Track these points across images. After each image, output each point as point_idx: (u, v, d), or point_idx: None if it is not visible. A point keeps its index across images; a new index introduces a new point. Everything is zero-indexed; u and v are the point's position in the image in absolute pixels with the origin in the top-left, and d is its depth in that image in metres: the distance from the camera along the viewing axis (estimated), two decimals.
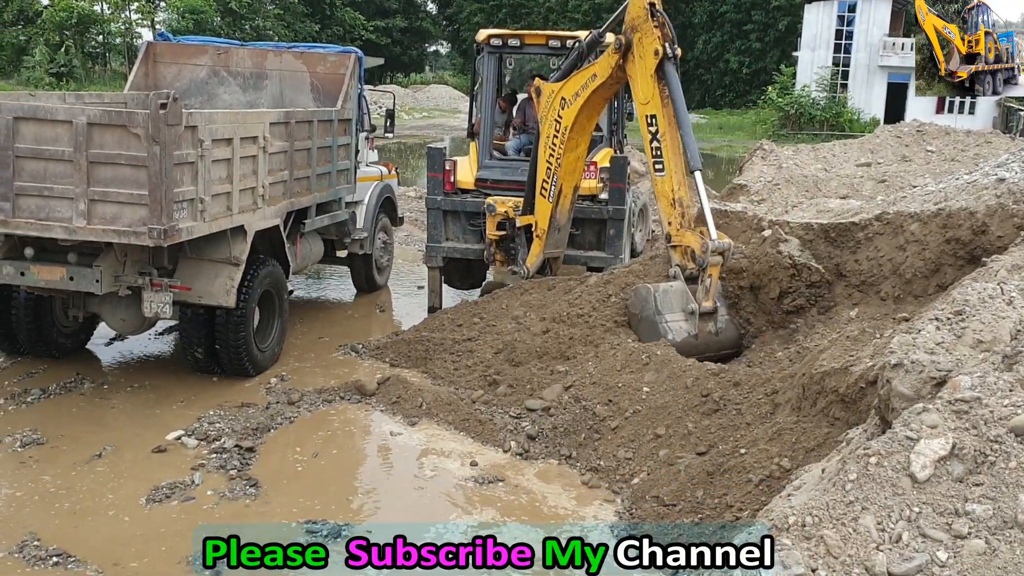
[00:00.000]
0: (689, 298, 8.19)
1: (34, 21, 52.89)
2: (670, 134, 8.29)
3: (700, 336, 8.24)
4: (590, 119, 9.59)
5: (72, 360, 9.05)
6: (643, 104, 8.56)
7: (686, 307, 8.18)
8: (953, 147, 13.54)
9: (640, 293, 8.27)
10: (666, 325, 8.14)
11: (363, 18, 66.47)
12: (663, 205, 8.43)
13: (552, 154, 9.61)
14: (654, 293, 8.19)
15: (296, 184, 9.38)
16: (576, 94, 9.26)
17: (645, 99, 8.51)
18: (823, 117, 44.16)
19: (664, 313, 8.16)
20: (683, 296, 8.19)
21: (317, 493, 6.55)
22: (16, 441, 7.16)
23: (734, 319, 8.57)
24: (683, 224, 8.21)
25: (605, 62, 8.96)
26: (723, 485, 5.89)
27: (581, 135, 9.60)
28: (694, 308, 8.14)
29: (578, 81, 9.27)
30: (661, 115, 8.33)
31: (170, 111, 6.97)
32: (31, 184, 7.23)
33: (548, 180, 9.76)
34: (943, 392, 3.81)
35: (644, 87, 8.52)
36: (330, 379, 8.78)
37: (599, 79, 9.03)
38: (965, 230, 7.16)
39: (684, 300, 8.19)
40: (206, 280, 8.09)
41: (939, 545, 3.22)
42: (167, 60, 11.22)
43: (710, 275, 8.05)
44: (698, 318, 8.18)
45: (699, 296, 8.16)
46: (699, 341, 8.22)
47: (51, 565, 5.48)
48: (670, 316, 8.16)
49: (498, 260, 10.60)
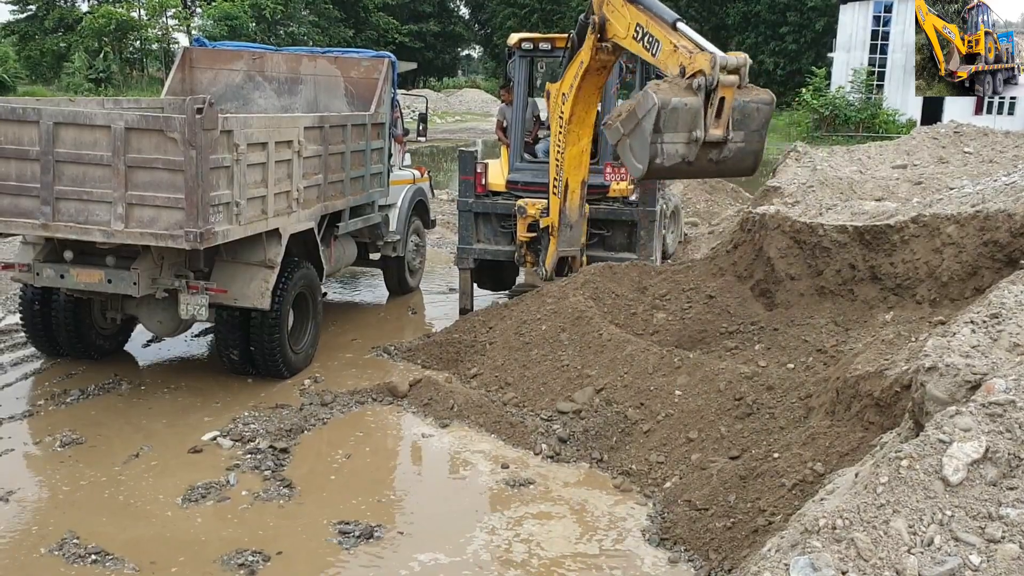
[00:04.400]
0: (700, 122, 6.82)
1: (74, 28, 53.85)
2: (652, 23, 7.58)
3: (698, 163, 7.01)
4: (587, 110, 9.43)
5: (110, 361, 9.20)
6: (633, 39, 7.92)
7: (692, 131, 6.82)
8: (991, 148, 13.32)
9: (649, 99, 6.74)
10: (659, 146, 6.80)
11: (397, 23, 66.91)
12: (666, 56, 7.39)
13: (558, 150, 9.61)
14: (659, 107, 6.71)
15: (330, 187, 9.47)
16: (571, 86, 9.22)
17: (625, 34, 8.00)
18: (858, 119, 43.74)
19: (665, 132, 6.79)
20: (695, 118, 6.80)
21: (350, 494, 6.60)
22: (56, 441, 7.29)
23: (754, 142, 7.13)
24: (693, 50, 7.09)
25: (587, 45, 8.84)
26: (756, 490, 5.86)
27: (581, 128, 9.50)
28: (699, 136, 6.80)
29: (571, 72, 9.19)
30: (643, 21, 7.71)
31: (206, 116, 7.06)
32: (71, 188, 7.36)
33: (557, 177, 9.77)
34: (977, 395, 3.76)
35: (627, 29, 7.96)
36: (363, 381, 8.84)
37: (585, 64, 8.94)
38: (1003, 232, 7.05)
39: (693, 122, 6.82)
40: (241, 283, 8.19)
41: (972, 549, 3.18)
42: (203, 65, 11.37)
43: (722, 97, 6.80)
44: (699, 146, 6.89)
45: (708, 121, 6.84)
46: (694, 167, 7.06)
47: (90, 563, 5.57)
48: (670, 137, 6.82)
49: (528, 262, 10.62)
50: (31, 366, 9.04)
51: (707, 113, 6.80)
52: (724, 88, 6.77)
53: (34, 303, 8.81)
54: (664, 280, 9.48)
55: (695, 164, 6.98)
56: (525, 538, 6.03)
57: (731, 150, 7.07)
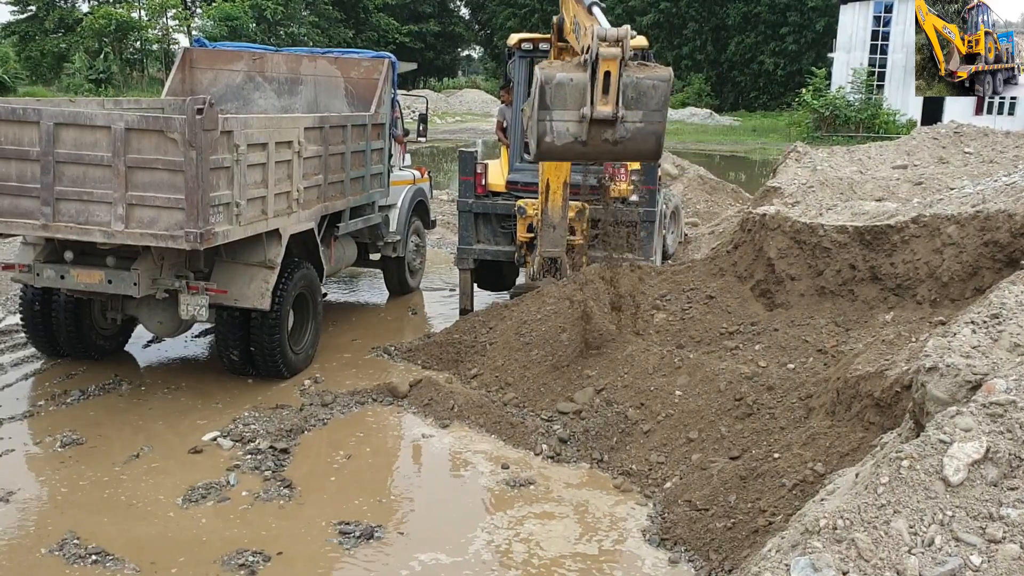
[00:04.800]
0: (587, 98, 6.53)
1: (74, 29, 53.90)
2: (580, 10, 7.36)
3: (592, 144, 6.68)
4: None
5: (110, 362, 9.20)
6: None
7: (580, 108, 6.54)
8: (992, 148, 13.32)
9: (545, 75, 6.56)
10: (548, 124, 6.59)
11: (397, 23, 66.92)
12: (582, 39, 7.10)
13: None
14: (543, 82, 6.52)
15: (330, 188, 9.47)
16: None
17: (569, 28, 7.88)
18: (858, 119, 43.76)
19: (553, 110, 6.55)
20: (583, 94, 6.52)
21: (350, 494, 6.60)
22: (56, 441, 7.29)
23: (655, 123, 6.73)
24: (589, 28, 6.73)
25: (552, 46, 8.91)
26: (756, 490, 5.86)
27: None
28: (586, 112, 6.52)
29: None
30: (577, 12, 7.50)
31: (206, 116, 7.06)
32: (71, 189, 7.35)
33: (541, 178, 9.80)
34: (978, 395, 3.76)
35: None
36: (363, 381, 8.84)
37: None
38: (1004, 233, 7.05)
39: (582, 99, 6.53)
40: (241, 283, 8.19)
41: (972, 549, 3.18)
42: (203, 66, 11.38)
43: (607, 71, 6.48)
44: (590, 125, 6.58)
45: (595, 97, 6.51)
46: (589, 148, 6.73)
47: (90, 563, 5.57)
48: (559, 115, 6.57)
49: (528, 262, 10.63)
50: (31, 366, 9.04)
51: (593, 89, 6.52)
52: (606, 61, 6.45)
53: (34, 303, 8.81)
54: (664, 280, 9.48)
55: (590, 145, 6.69)
56: (525, 538, 6.03)
57: (628, 130, 6.71)
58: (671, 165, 19.59)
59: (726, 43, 61.44)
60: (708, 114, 55.21)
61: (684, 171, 19.65)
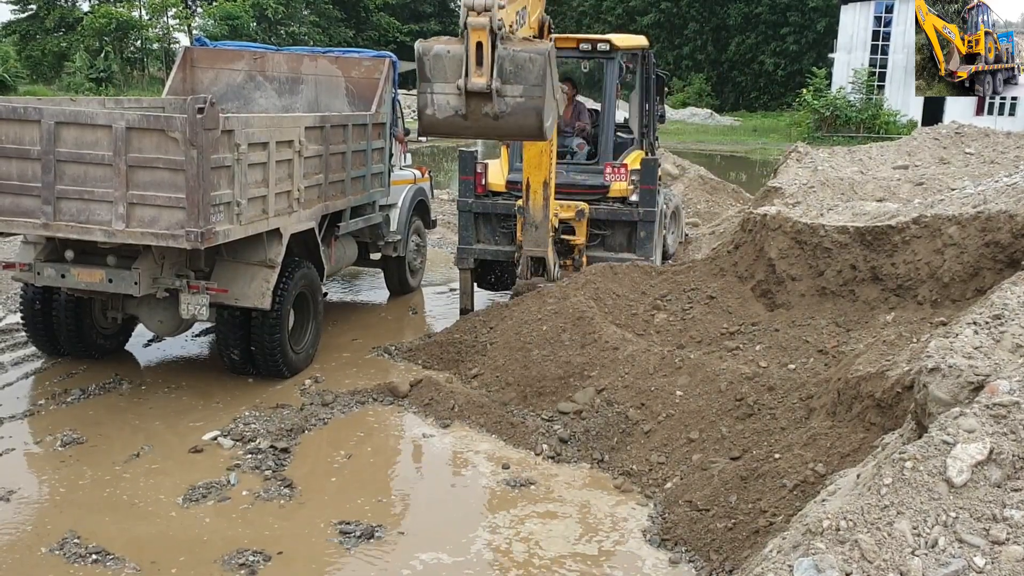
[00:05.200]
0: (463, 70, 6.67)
1: (74, 28, 53.90)
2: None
3: (473, 118, 6.80)
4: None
5: (111, 361, 9.19)
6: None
7: (457, 81, 6.71)
8: (992, 149, 13.33)
9: (423, 47, 6.84)
10: (429, 96, 6.81)
11: (398, 22, 66.88)
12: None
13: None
14: (420, 54, 6.75)
15: (331, 187, 9.46)
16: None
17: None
18: (859, 119, 43.75)
19: (434, 82, 6.77)
20: (460, 66, 6.68)
21: (351, 494, 6.60)
22: (56, 440, 7.28)
23: (535, 98, 6.78)
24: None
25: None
26: (757, 490, 5.86)
27: None
28: (460, 84, 6.68)
29: None
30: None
31: (207, 115, 7.06)
32: (72, 188, 7.35)
33: (523, 178, 9.81)
34: (981, 397, 3.75)
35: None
36: (363, 381, 8.84)
37: None
38: (1005, 233, 7.05)
39: (459, 71, 6.68)
40: (242, 282, 8.19)
41: (976, 551, 3.17)
42: (204, 65, 11.37)
43: (479, 42, 6.54)
44: (468, 98, 6.71)
45: (469, 69, 6.62)
46: (470, 123, 6.86)
47: (90, 562, 5.57)
48: (440, 87, 6.77)
49: (514, 260, 10.62)
50: (32, 365, 9.03)
51: (468, 60, 6.58)
52: (475, 31, 6.52)
53: (35, 302, 8.81)
54: (665, 280, 9.48)
55: (471, 119, 6.77)
56: (526, 538, 6.02)
57: (508, 105, 6.75)
58: (672, 165, 19.58)
59: (727, 43, 61.41)
60: (709, 114, 55.21)
61: (685, 171, 19.64)
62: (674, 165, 19.81)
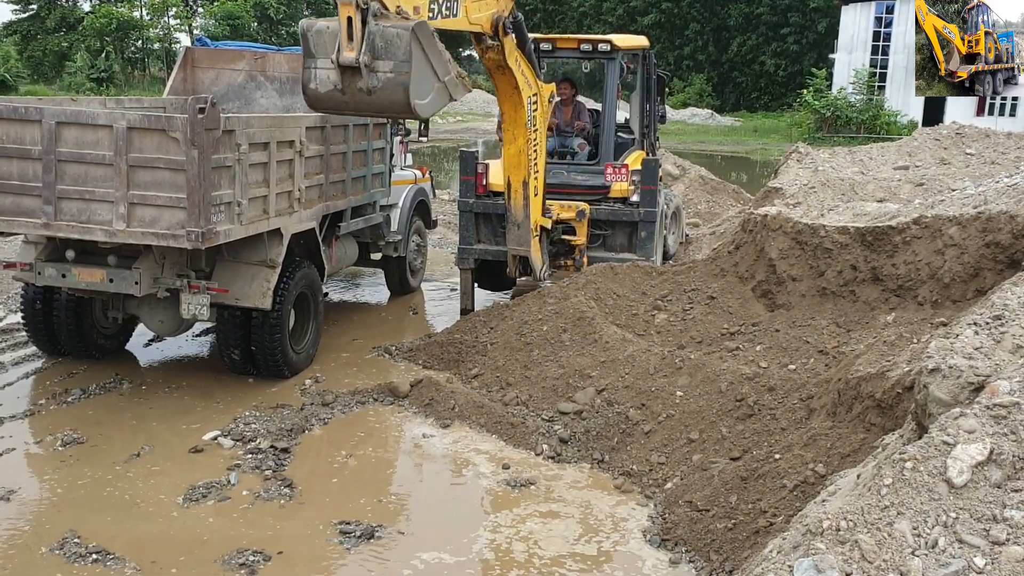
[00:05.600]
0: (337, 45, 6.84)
1: (75, 28, 53.94)
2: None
3: (349, 93, 6.96)
4: (515, 109, 9.40)
5: (111, 361, 9.20)
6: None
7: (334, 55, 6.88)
8: (993, 150, 13.32)
9: (306, 24, 7.07)
10: (312, 71, 6.99)
11: None
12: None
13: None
14: (304, 30, 6.96)
15: (331, 187, 9.47)
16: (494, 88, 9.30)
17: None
18: (860, 120, 43.73)
19: (317, 57, 6.95)
20: (336, 41, 6.84)
21: (351, 494, 6.60)
22: (57, 440, 7.28)
23: (402, 73, 6.91)
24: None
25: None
26: (757, 491, 5.86)
27: (515, 127, 9.48)
28: (334, 58, 6.85)
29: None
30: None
31: (208, 115, 7.06)
32: (72, 188, 7.35)
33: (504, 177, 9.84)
34: (981, 397, 3.76)
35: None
36: (364, 381, 8.84)
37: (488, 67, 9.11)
38: (1005, 234, 7.05)
39: (335, 46, 6.85)
40: (243, 282, 8.19)
41: (976, 551, 3.18)
42: (205, 65, 11.37)
43: (348, 17, 6.69)
44: (341, 71, 6.86)
45: (342, 43, 6.78)
46: (348, 98, 7.01)
47: (91, 562, 5.57)
48: (322, 63, 6.95)
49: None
50: (32, 365, 9.04)
51: (341, 36, 6.77)
52: (344, 6, 6.65)
53: (35, 302, 8.81)
54: (665, 281, 9.48)
55: (347, 94, 6.95)
56: (526, 538, 6.02)
57: (380, 80, 6.90)
58: (672, 165, 19.58)
59: (727, 44, 61.40)
60: (709, 114, 55.19)
61: (685, 171, 19.64)
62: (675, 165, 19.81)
